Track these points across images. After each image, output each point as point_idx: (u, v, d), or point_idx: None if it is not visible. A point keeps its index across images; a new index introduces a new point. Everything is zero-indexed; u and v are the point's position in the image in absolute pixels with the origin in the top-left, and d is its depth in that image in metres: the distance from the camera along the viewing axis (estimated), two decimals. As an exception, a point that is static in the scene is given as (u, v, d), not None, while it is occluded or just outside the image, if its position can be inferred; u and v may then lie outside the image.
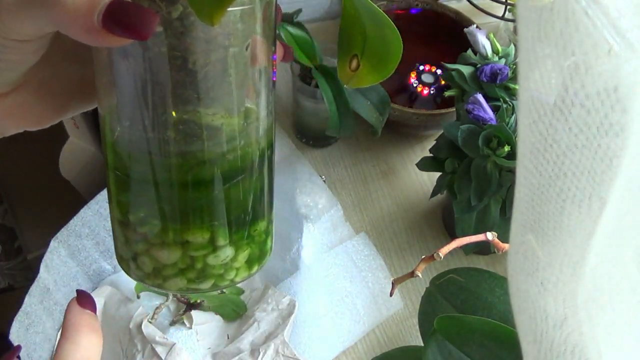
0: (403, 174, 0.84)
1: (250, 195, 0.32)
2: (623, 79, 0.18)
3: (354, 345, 0.71)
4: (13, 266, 1.12)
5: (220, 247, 0.32)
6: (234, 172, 0.31)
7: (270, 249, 0.37)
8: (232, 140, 0.30)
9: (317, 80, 0.71)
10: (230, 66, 0.28)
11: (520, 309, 0.23)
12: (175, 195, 0.30)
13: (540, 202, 0.20)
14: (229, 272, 0.33)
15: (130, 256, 0.33)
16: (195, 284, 0.32)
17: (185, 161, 0.30)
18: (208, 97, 0.29)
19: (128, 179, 0.31)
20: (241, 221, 0.33)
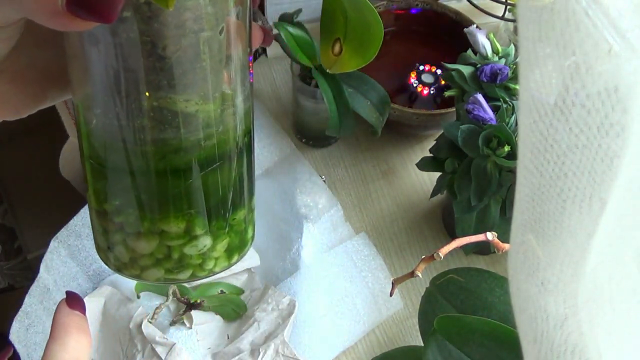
0: (403, 174, 0.84)
1: (228, 183, 0.32)
2: (623, 79, 0.18)
3: (354, 345, 0.71)
4: (13, 266, 1.12)
5: (198, 236, 0.31)
6: (210, 160, 0.30)
7: (251, 238, 0.36)
8: (208, 127, 0.30)
9: (317, 80, 0.71)
10: (203, 51, 0.28)
11: (520, 308, 0.23)
12: (149, 184, 0.30)
13: (541, 202, 0.20)
14: (208, 262, 0.33)
15: (107, 246, 0.32)
16: (173, 274, 0.32)
17: (158, 149, 0.29)
18: (181, 83, 0.28)
19: (103, 168, 0.31)
20: (219, 210, 0.32)
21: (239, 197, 0.33)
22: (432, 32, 0.88)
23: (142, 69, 0.27)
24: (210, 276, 0.33)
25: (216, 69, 0.29)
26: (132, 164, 0.29)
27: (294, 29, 0.72)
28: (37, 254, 0.95)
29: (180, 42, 0.27)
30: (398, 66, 0.85)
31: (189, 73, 0.28)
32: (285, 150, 0.83)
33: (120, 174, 0.30)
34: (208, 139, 0.30)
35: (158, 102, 0.28)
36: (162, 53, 0.27)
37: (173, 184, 0.30)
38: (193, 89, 0.28)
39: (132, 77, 0.27)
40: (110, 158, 0.30)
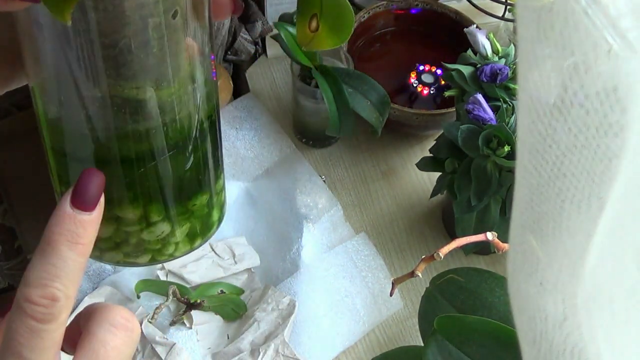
0: (403, 174, 0.84)
1: (186, 169, 0.31)
2: (622, 79, 0.18)
3: (354, 345, 0.71)
4: (13, 266, 1.12)
5: (155, 223, 0.31)
6: (165, 147, 0.30)
7: (218, 221, 0.35)
8: (162, 114, 0.29)
9: (317, 80, 0.71)
10: (152, 38, 0.27)
11: (519, 309, 0.23)
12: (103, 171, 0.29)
13: (540, 203, 0.20)
14: (167, 247, 0.32)
15: None
16: (132, 257, 0.31)
17: (110, 137, 0.28)
18: (130, 70, 0.27)
19: (57, 151, 0.30)
20: (177, 196, 0.31)
21: (199, 183, 0.32)
22: (432, 32, 0.88)
23: (89, 57, 0.26)
24: (171, 260, 0.33)
25: (170, 54, 0.28)
26: (84, 151, 0.29)
27: (294, 29, 0.72)
28: (37, 254, 0.95)
29: (125, 30, 0.26)
30: (398, 66, 0.85)
31: (139, 60, 0.27)
32: (285, 150, 0.83)
33: (74, 159, 0.30)
34: (162, 126, 0.29)
35: (108, 90, 0.27)
36: (106, 41, 0.26)
37: (126, 171, 0.29)
38: (145, 75, 0.28)
39: (80, 65, 0.27)
40: (63, 143, 0.30)
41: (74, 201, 0.27)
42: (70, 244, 0.27)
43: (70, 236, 0.27)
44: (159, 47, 0.27)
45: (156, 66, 0.28)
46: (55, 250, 0.26)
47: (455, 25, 0.84)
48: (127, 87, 0.27)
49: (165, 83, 0.28)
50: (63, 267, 0.26)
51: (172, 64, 0.28)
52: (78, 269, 0.27)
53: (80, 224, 0.27)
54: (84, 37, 0.26)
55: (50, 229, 0.27)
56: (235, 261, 0.73)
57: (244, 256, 0.74)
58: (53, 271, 0.26)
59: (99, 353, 0.28)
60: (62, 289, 0.26)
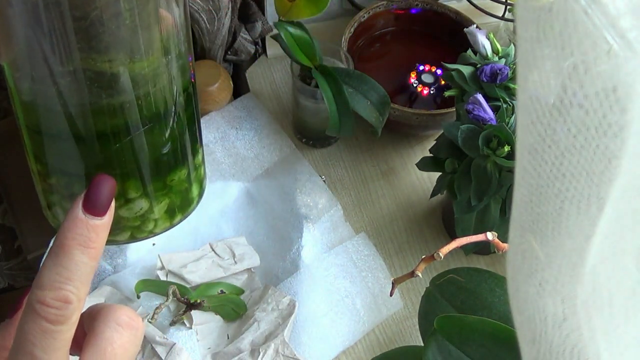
0: (403, 174, 0.84)
1: (163, 144, 0.31)
2: (622, 79, 0.18)
3: (354, 345, 0.71)
4: (13, 266, 1.12)
5: (132, 199, 0.31)
6: (139, 121, 0.29)
7: (198, 196, 0.35)
8: (136, 88, 0.28)
9: (317, 80, 0.71)
10: (123, 9, 0.26)
11: (519, 309, 0.23)
12: (78, 147, 0.29)
13: (539, 203, 0.20)
14: (147, 224, 0.32)
15: (46, 205, 0.32)
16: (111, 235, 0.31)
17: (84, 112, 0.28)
18: (102, 43, 0.27)
19: (33, 130, 0.30)
20: (154, 172, 0.31)
21: (177, 157, 0.32)
22: (432, 32, 0.88)
23: (60, 31, 0.26)
24: (152, 237, 0.33)
25: (142, 26, 0.27)
26: (59, 127, 0.29)
27: (294, 29, 0.72)
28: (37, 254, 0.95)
29: (96, 2, 0.26)
30: (398, 66, 0.85)
31: (110, 32, 0.27)
32: (285, 150, 0.83)
33: (49, 136, 0.29)
34: (136, 100, 0.28)
35: (80, 64, 0.27)
36: (78, 14, 0.26)
37: (101, 147, 0.29)
38: (116, 48, 0.27)
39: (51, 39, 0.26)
40: (37, 120, 0.29)
41: (86, 207, 0.28)
42: (83, 248, 0.27)
43: (82, 240, 0.27)
44: (130, 18, 0.27)
45: (128, 38, 0.27)
46: (68, 254, 0.27)
47: (455, 25, 0.84)
48: (99, 61, 0.27)
49: (138, 56, 0.28)
50: (75, 270, 0.27)
51: (144, 36, 0.28)
52: (89, 272, 0.28)
53: (92, 229, 0.27)
54: (54, 10, 0.25)
55: (63, 233, 0.27)
56: (235, 261, 0.73)
57: (244, 256, 0.74)
58: (65, 274, 0.27)
59: (106, 351, 0.28)
60: (75, 292, 0.27)
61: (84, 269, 0.27)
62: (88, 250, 0.27)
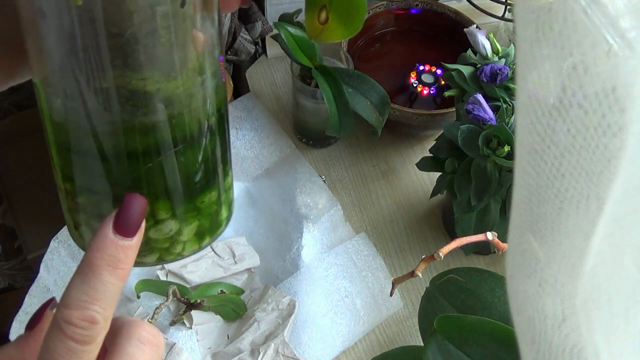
0: (403, 174, 0.84)
1: (195, 165, 0.30)
2: (621, 79, 0.18)
3: (354, 345, 0.71)
4: (13, 266, 1.12)
5: (162, 220, 0.30)
6: (172, 142, 0.29)
7: (226, 219, 0.34)
8: (169, 107, 0.28)
9: (317, 80, 0.71)
10: (159, 27, 0.26)
11: (518, 309, 0.23)
12: (108, 166, 0.29)
13: (539, 203, 0.20)
14: (175, 246, 0.31)
15: (73, 224, 0.32)
16: (139, 257, 0.30)
17: (116, 131, 0.28)
18: (137, 61, 0.26)
19: (62, 147, 0.29)
20: (185, 193, 0.30)
21: (208, 179, 0.31)
22: (432, 32, 0.88)
23: (94, 48, 0.26)
24: (179, 259, 0.32)
25: (178, 44, 0.27)
26: (89, 145, 0.28)
27: (294, 29, 0.72)
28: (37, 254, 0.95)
29: (133, 19, 0.25)
30: (398, 66, 0.85)
31: (146, 50, 0.26)
32: (285, 150, 0.83)
33: (79, 154, 0.29)
34: (169, 120, 0.28)
35: (113, 82, 0.26)
36: (113, 30, 0.25)
37: (132, 166, 0.29)
38: (151, 66, 0.27)
39: (85, 56, 0.26)
40: (68, 138, 0.29)
41: (117, 227, 0.27)
42: (111, 269, 0.27)
43: (111, 261, 0.27)
44: (166, 36, 0.26)
45: (164, 57, 0.27)
46: (96, 275, 0.27)
47: (455, 25, 0.84)
48: (133, 79, 0.27)
49: (172, 74, 0.27)
50: (103, 291, 0.27)
51: (179, 55, 0.28)
52: (117, 293, 0.28)
53: (122, 250, 0.27)
54: (89, 26, 0.25)
55: (92, 252, 0.27)
56: (235, 261, 0.73)
57: (244, 256, 0.74)
58: (93, 294, 0.27)
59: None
60: (101, 312, 0.27)
61: (111, 289, 0.27)
62: (116, 271, 0.27)
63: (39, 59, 0.28)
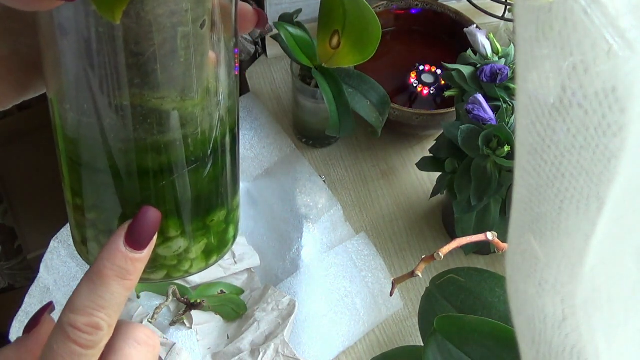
0: (403, 174, 0.84)
1: (206, 184, 0.30)
2: (622, 79, 0.18)
3: (354, 345, 0.71)
4: (13, 266, 1.12)
5: (172, 238, 0.30)
6: (185, 161, 0.29)
7: (233, 237, 0.35)
8: (184, 126, 0.28)
9: (317, 80, 0.71)
10: (180, 47, 0.26)
11: (518, 310, 0.23)
12: (121, 183, 0.29)
13: (539, 203, 0.20)
14: (183, 264, 0.32)
15: (81, 240, 0.32)
16: (146, 274, 0.31)
17: (130, 148, 0.28)
18: (155, 80, 0.26)
19: (74, 163, 0.30)
20: (195, 211, 0.31)
21: (218, 198, 0.32)
22: (432, 32, 0.88)
23: (113, 65, 0.26)
24: (186, 277, 0.33)
25: (196, 65, 0.27)
26: (103, 162, 0.28)
27: (294, 29, 0.72)
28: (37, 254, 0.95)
29: (155, 38, 0.25)
30: (398, 66, 0.85)
31: (165, 69, 0.26)
32: (285, 150, 0.83)
33: (91, 171, 0.29)
34: (184, 139, 0.28)
35: (131, 100, 0.27)
36: (134, 49, 0.25)
37: (144, 184, 0.29)
38: (169, 86, 0.27)
39: (103, 73, 0.26)
40: (81, 154, 0.29)
41: (129, 240, 0.28)
42: (120, 280, 0.28)
43: (120, 272, 0.28)
44: (185, 57, 0.27)
45: (182, 76, 0.27)
46: (105, 284, 0.28)
47: (455, 25, 0.84)
48: (151, 97, 0.27)
49: (190, 94, 0.28)
50: (110, 299, 0.28)
51: (198, 75, 0.28)
52: (122, 302, 0.28)
53: (131, 262, 0.28)
54: (108, 44, 0.25)
55: (102, 262, 0.28)
56: (235, 261, 0.73)
57: (244, 256, 0.74)
58: (100, 302, 0.28)
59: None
60: (106, 319, 0.28)
61: (118, 298, 0.28)
62: (124, 282, 0.28)
63: (56, 74, 0.28)
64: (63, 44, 0.26)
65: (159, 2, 0.25)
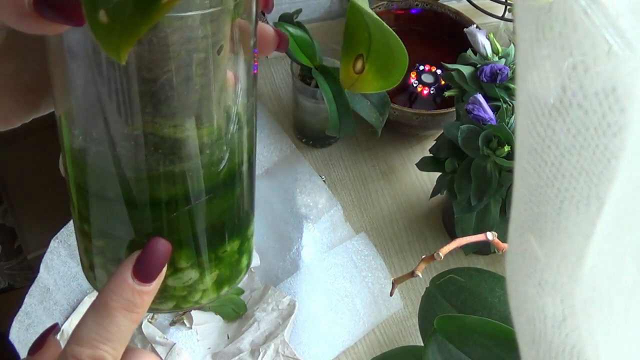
0: (403, 174, 0.84)
1: (221, 214, 0.29)
2: (621, 79, 0.18)
3: (354, 345, 0.71)
4: (13, 266, 1.12)
5: (183, 269, 0.29)
6: (200, 191, 0.27)
7: (246, 267, 0.33)
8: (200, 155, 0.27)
9: (317, 80, 0.71)
10: (195, 74, 0.25)
11: (518, 310, 0.23)
12: (131, 212, 0.27)
13: (538, 203, 0.20)
14: (194, 295, 0.30)
15: (88, 265, 0.31)
16: (154, 304, 0.30)
17: (142, 177, 0.26)
18: (169, 107, 0.25)
19: (82, 189, 0.28)
20: (208, 242, 0.29)
21: (233, 228, 0.30)
22: (432, 32, 0.88)
23: (125, 92, 0.24)
24: (195, 308, 0.32)
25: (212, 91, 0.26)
26: (112, 191, 0.27)
27: (294, 29, 0.72)
28: (37, 254, 0.95)
29: (168, 65, 0.24)
30: (398, 66, 0.85)
31: (179, 97, 0.25)
32: (285, 150, 0.83)
33: (100, 198, 0.28)
34: (199, 169, 0.27)
35: (143, 128, 0.25)
36: (147, 76, 0.24)
37: (156, 215, 0.27)
38: (183, 114, 0.25)
39: (115, 99, 0.25)
40: (89, 181, 0.28)
41: (136, 272, 0.27)
42: (126, 312, 0.27)
43: (127, 305, 0.27)
44: (201, 83, 0.25)
45: (197, 104, 0.26)
46: (111, 316, 0.27)
47: (455, 25, 0.84)
48: (164, 125, 0.25)
49: (205, 122, 0.26)
50: (116, 332, 0.27)
51: (214, 102, 0.26)
52: (129, 334, 0.28)
53: (138, 295, 0.27)
54: (122, 70, 0.24)
55: (108, 293, 0.27)
56: (235, 261, 0.73)
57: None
58: (105, 335, 0.27)
59: None
60: (111, 352, 0.27)
61: (124, 331, 0.27)
62: (131, 315, 0.27)
63: (64, 96, 0.27)
64: (72, 67, 0.25)
65: (174, 29, 0.23)
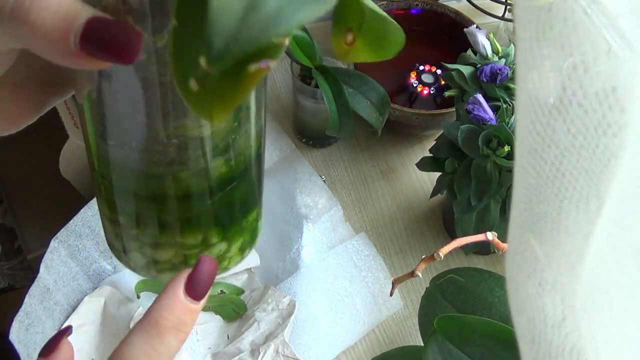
0: (403, 174, 0.84)
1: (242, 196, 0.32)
2: (621, 79, 0.18)
3: (354, 345, 0.71)
4: (13, 266, 1.12)
5: (214, 244, 0.32)
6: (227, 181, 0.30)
7: (260, 228, 0.36)
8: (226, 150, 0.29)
9: (317, 80, 0.71)
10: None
11: (518, 309, 0.23)
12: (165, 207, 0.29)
13: (538, 203, 0.20)
14: (223, 262, 0.33)
15: (122, 249, 0.32)
16: None
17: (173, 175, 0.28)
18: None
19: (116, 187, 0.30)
20: (234, 219, 0.32)
21: (251, 203, 0.33)
22: (432, 32, 0.88)
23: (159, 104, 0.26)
24: (224, 273, 0.34)
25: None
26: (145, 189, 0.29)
27: (294, 29, 0.72)
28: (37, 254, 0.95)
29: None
30: (398, 66, 0.85)
31: None
32: (285, 150, 0.83)
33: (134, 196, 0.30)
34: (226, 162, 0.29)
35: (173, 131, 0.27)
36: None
37: (188, 206, 0.30)
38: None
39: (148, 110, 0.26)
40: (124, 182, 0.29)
41: (189, 290, 0.27)
42: (176, 332, 0.27)
43: (178, 324, 0.27)
44: None
45: None
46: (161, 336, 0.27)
47: (455, 25, 0.84)
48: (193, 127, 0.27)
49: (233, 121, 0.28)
50: (163, 352, 0.27)
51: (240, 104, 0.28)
52: (174, 353, 0.27)
53: (189, 313, 0.27)
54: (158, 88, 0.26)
55: (160, 312, 0.27)
56: (235, 261, 0.73)
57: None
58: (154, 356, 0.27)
59: None
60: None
61: (171, 352, 0.27)
62: (180, 334, 0.27)
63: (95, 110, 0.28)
64: (105, 86, 0.26)
65: None
